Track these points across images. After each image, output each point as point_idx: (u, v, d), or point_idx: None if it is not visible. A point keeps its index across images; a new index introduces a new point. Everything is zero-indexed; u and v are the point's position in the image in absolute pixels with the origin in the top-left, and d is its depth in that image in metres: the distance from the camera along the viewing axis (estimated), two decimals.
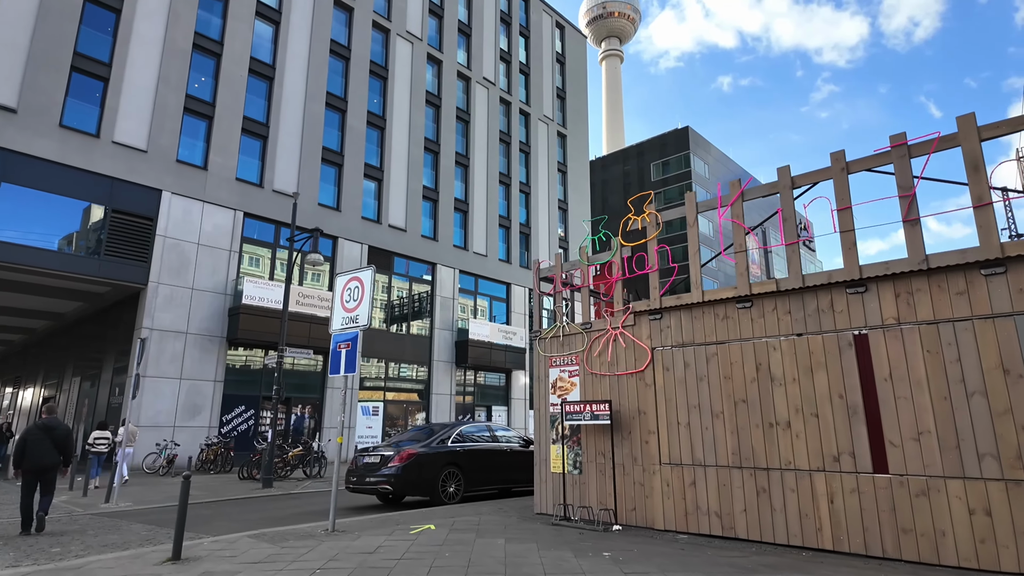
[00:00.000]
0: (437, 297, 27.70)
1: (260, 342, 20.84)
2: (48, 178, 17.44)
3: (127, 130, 19.20)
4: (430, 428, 10.45)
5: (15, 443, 8.84)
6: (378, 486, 9.21)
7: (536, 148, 35.15)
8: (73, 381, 24.05)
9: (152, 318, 18.84)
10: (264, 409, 21.40)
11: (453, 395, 27.43)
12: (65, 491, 13.21)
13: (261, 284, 20.75)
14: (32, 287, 19.68)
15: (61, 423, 8.61)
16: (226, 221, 21.06)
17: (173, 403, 18.89)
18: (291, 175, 23.26)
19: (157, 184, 19.54)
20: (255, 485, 14.32)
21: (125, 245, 18.70)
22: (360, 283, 7.43)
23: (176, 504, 11.15)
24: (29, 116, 17.23)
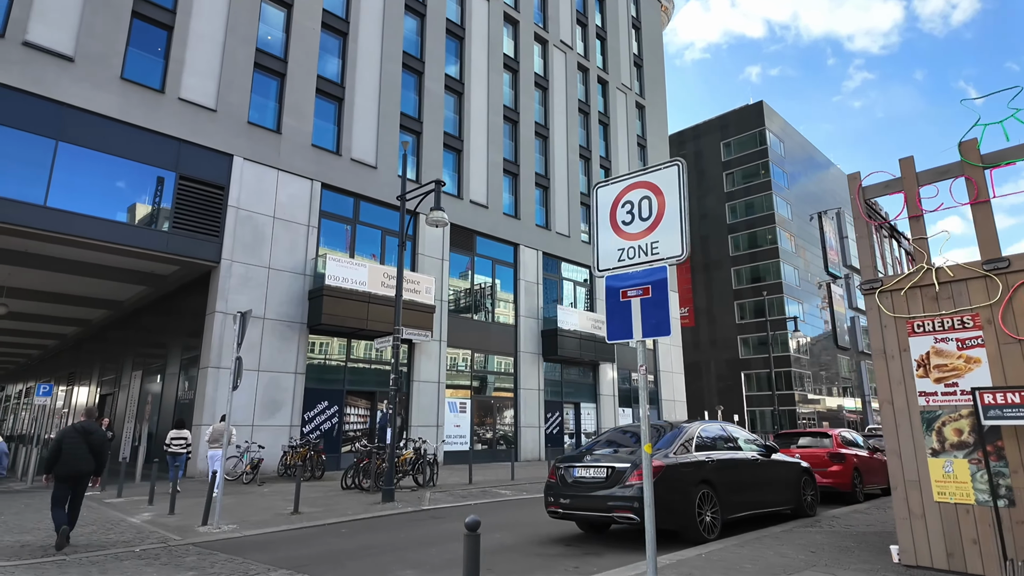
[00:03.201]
0: (521, 282, 24.87)
1: (344, 328, 18.26)
2: (109, 138, 15.07)
3: (194, 86, 16.76)
4: (658, 428, 7.52)
5: (49, 446, 8.02)
6: (613, 512, 6.30)
7: (615, 119, 32.06)
8: (133, 376, 21.88)
9: (226, 301, 16.37)
10: (349, 405, 18.81)
11: (541, 390, 24.55)
12: (144, 504, 10.69)
13: (345, 263, 18.16)
14: (90, 268, 17.42)
15: (99, 428, 7.94)
16: (302, 192, 18.52)
17: (251, 398, 16.41)
18: (369, 142, 20.65)
19: (227, 148, 17.07)
20: (370, 498, 11.61)
21: (195, 217, 16.27)
22: (654, 192, 4.52)
23: (298, 529, 8.51)
24: (87, 66, 14.88)
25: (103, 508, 10.34)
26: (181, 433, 12.95)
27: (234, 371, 9.23)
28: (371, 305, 18.43)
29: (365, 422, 19.26)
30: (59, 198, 14.15)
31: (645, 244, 4.53)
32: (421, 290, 20.05)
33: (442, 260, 21.98)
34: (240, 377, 9.23)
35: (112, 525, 8.69)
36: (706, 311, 51.97)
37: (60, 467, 7.23)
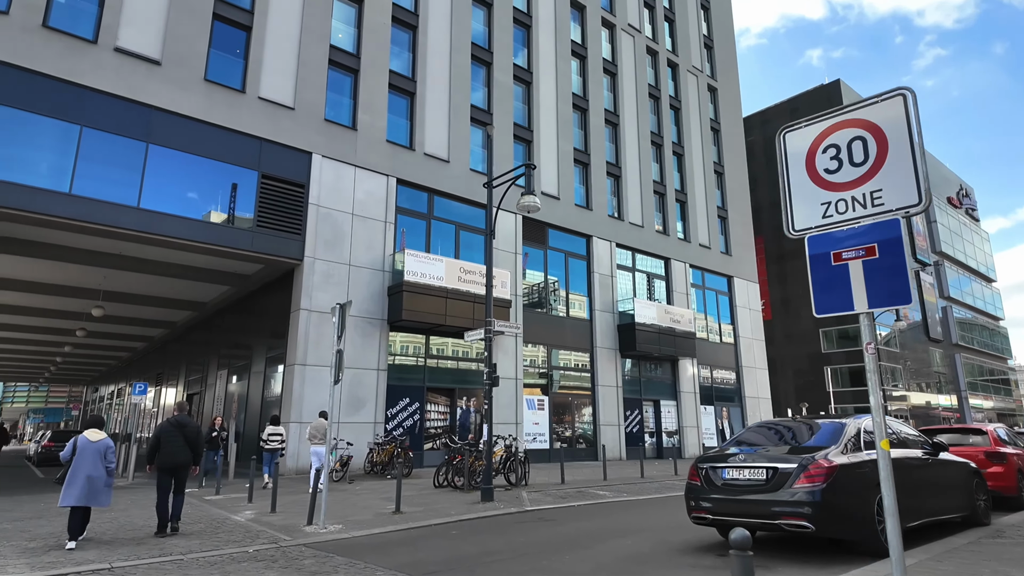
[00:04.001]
0: (595, 274, 24.00)
1: (423, 324, 17.97)
2: (194, 139, 15.25)
3: (273, 85, 16.83)
4: (808, 424, 6.60)
5: (149, 440, 8.73)
6: (780, 520, 5.47)
7: (686, 103, 30.68)
8: (219, 376, 22.42)
9: (310, 298, 16.33)
10: (429, 402, 18.51)
11: (620, 387, 23.61)
12: (244, 503, 10.56)
13: (422, 258, 17.85)
14: (178, 269, 17.80)
15: (192, 421, 8.41)
16: (379, 188, 18.35)
17: (335, 395, 16.23)
18: (440, 136, 20.32)
19: (306, 146, 17.05)
20: (467, 497, 11.12)
21: (277, 216, 16.30)
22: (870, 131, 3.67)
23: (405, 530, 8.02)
24: (173, 69, 15.10)
25: (205, 506, 10.26)
26: (277, 429, 12.89)
27: (335, 365, 8.90)
28: (449, 300, 18.06)
29: (446, 419, 18.92)
30: (151, 199, 14.39)
31: (862, 194, 3.70)
32: (496, 284, 19.51)
33: (515, 254, 21.42)
34: (341, 371, 8.89)
35: (218, 524, 8.50)
36: (781, 304, 49.40)
37: (160, 458, 7.84)
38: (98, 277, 18.86)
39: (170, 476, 7.80)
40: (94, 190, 13.62)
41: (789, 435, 6.66)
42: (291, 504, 10.28)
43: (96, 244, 15.63)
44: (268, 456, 12.60)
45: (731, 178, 32.50)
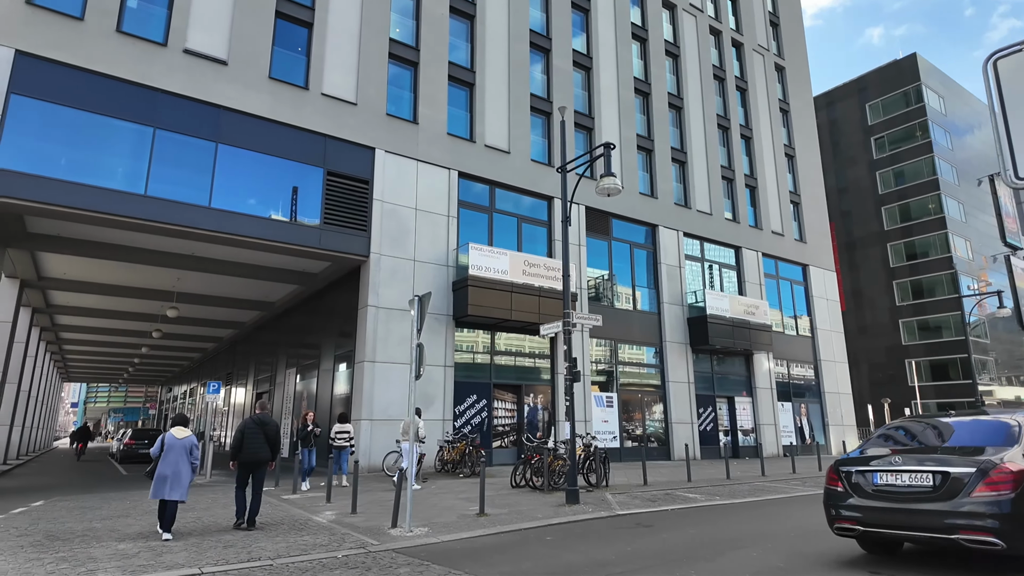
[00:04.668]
0: (662, 265, 22.99)
1: (488, 320, 17.53)
2: (261, 138, 15.26)
3: (335, 82, 16.71)
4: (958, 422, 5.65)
5: (233, 437, 8.95)
6: (957, 534, 4.62)
7: (753, 84, 29.13)
8: (287, 374, 22.69)
9: (377, 295, 16.13)
10: (497, 399, 18.05)
11: (691, 383, 22.53)
12: (321, 502, 10.31)
13: (486, 252, 17.38)
14: (248, 268, 17.96)
15: (272, 419, 8.58)
16: (440, 182, 18.01)
17: (404, 392, 16.04)
18: (501, 127, 19.82)
19: (369, 141, 16.87)
20: (548, 499, 10.54)
21: (343, 212, 16.17)
22: None
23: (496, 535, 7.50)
24: (239, 68, 15.15)
25: (284, 505, 10.06)
26: (344, 427, 12.69)
27: (415, 359, 8.47)
28: (514, 295, 17.53)
29: (513, 416, 18.42)
30: (221, 199, 14.46)
31: None
32: (561, 277, 18.85)
33: (579, 246, 20.69)
34: (422, 366, 8.44)
35: (301, 525, 8.21)
36: (852, 295, 46.68)
37: (243, 454, 8.14)
38: (171, 279, 19.30)
39: (249, 472, 8.20)
40: (167, 191, 13.77)
41: (937, 434, 5.73)
42: (370, 504, 9.95)
43: (170, 245, 15.90)
44: (338, 453, 12.41)
45: (803, 161, 30.70)
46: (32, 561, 6.06)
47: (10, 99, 12.19)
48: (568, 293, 11.16)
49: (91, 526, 8.09)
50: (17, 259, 16.60)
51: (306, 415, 12.93)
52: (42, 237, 15.02)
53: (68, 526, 8.09)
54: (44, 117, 12.63)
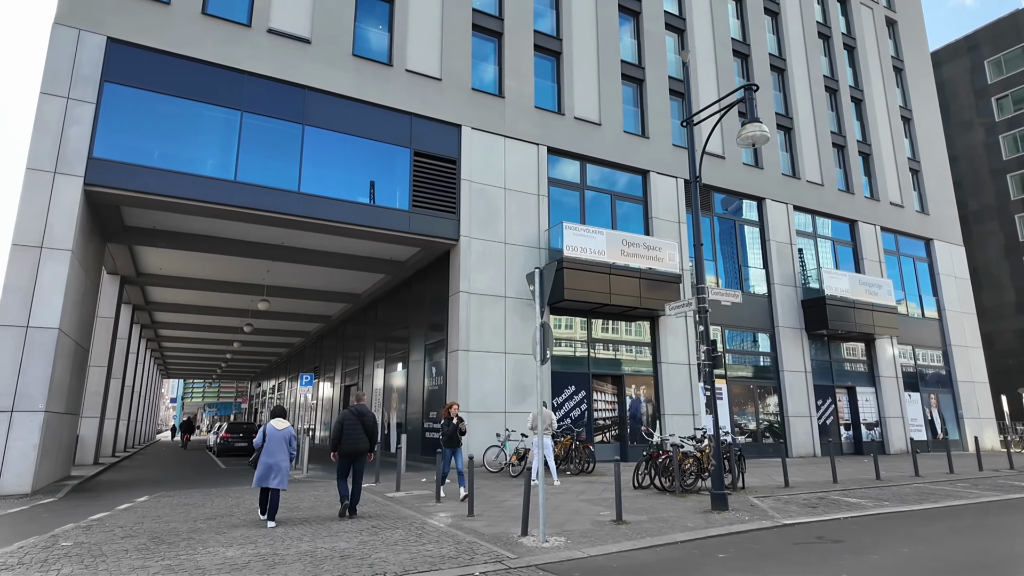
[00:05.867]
0: (771, 243, 20.86)
1: (585, 304, 16.23)
2: (346, 118, 14.60)
3: (419, 57, 15.86)
4: None
5: (332, 428, 8.81)
6: None
7: (862, 41, 26.20)
8: (375, 367, 22.27)
9: (469, 280, 15.18)
10: (596, 390, 16.74)
11: (808, 372, 20.32)
12: (431, 502, 9.37)
13: (581, 231, 16.07)
14: (335, 258, 17.46)
15: (369, 410, 8.61)
16: (529, 159, 16.83)
17: (500, 383, 15.02)
18: (590, 98, 18.40)
19: (455, 118, 15.91)
20: (687, 503, 9.14)
21: (432, 194, 15.30)
22: None
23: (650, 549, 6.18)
24: (322, 46, 14.53)
25: (392, 505, 9.18)
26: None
27: (539, 340, 7.29)
28: (612, 277, 16.13)
29: (613, 409, 17.03)
30: (310, 183, 13.88)
31: None
32: (664, 257, 17.28)
33: (678, 223, 18.98)
34: (549, 348, 7.25)
35: (417, 530, 7.23)
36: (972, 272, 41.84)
37: (343, 445, 8.21)
38: (262, 271, 19.17)
39: (349, 463, 8.28)
40: (257, 176, 13.30)
41: None
42: (483, 505, 8.91)
43: (260, 235, 15.56)
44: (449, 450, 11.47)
45: (921, 123, 27.41)
46: (136, 571, 5.33)
47: (104, 87, 11.98)
48: (701, 263, 9.64)
49: (196, 526, 7.45)
50: (117, 255, 16.79)
51: (449, 407, 10.05)
52: (138, 230, 15.00)
53: (173, 526, 7.48)
54: (135, 104, 12.38)
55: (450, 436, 9.91)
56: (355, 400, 8.72)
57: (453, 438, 9.93)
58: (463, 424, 9.84)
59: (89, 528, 7.33)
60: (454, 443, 9.97)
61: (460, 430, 9.87)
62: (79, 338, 12.95)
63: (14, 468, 10.24)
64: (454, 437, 9.93)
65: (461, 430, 9.84)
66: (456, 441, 9.97)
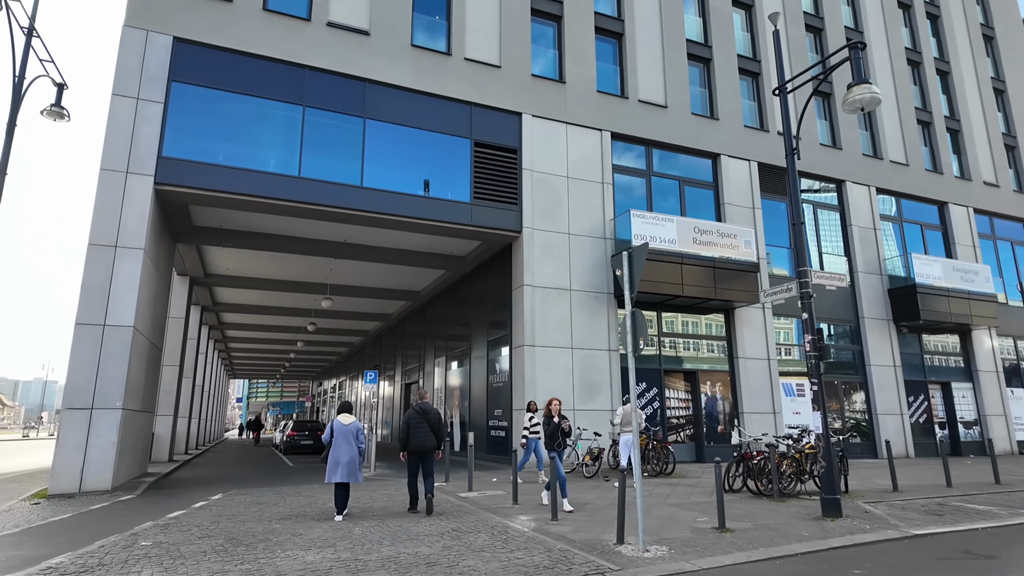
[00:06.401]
0: (853, 227, 19.41)
1: (655, 296, 15.41)
2: (405, 110, 14.30)
3: (477, 45, 15.44)
4: None
5: (400, 427, 8.79)
6: None
7: (947, 8, 24.19)
8: (436, 364, 22.06)
9: (532, 273, 14.63)
10: (668, 387, 15.89)
11: (898, 366, 18.77)
12: (507, 502, 8.86)
13: (650, 219, 15.26)
14: (396, 254, 17.25)
15: (434, 408, 8.58)
16: (592, 145, 16.14)
17: (567, 379, 14.41)
18: (655, 79, 17.54)
19: (515, 106, 15.40)
20: (788, 509, 8.30)
21: (493, 185, 14.85)
22: None
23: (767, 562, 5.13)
24: (381, 38, 14.29)
25: (467, 506, 8.72)
26: (537, 416, 11.25)
27: (630, 329, 6.64)
28: (684, 266, 15.23)
29: (687, 407, 16.13)
30: (372, 177, 13.65)
31: None
32: (739, 245, 16.23)
33: (752, 209, 17.87)
34: (643, 338, 6.59)
35: (501, 534, 6.72)
36: None
37: (411, 443, 8.23)
38: (324, 269, 19.21)
39: (418, 461, 8.29)
40: (320, 171, 13.16)
41: None
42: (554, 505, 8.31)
43: (323, 232, 15.49)
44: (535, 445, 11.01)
45: (1016, 95, 25.10)
46: (215, 575, 5.01)
47: (171, 86, 12.06)
48: (803, 243, 8.75)
49: (271, 527, 7.17)
50: (186, 255, 17.10)
51: (549, 404, 8.81)
52: (206, 230, 15.16)
53: (248, 526, 7.24)
54: (201, 103, 12.42)
55: (551, 436, 8.63)
56: (418, 398, 8.72)
57: (555, 438, 8.60)
58: (566, 422, 8.69)
59: (167, 527, 7.17)
60: (557, 444, 8.56)
61: (563, 429, 8.60)
62: (153, 337, 13.13)
63: (95, 465, 10.36)
64: (555, 437, 8.61)
65: (564, 429, 8.61)
66: (559, 442, 8.58)
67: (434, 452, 8.33)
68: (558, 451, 8.44)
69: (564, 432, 8.59)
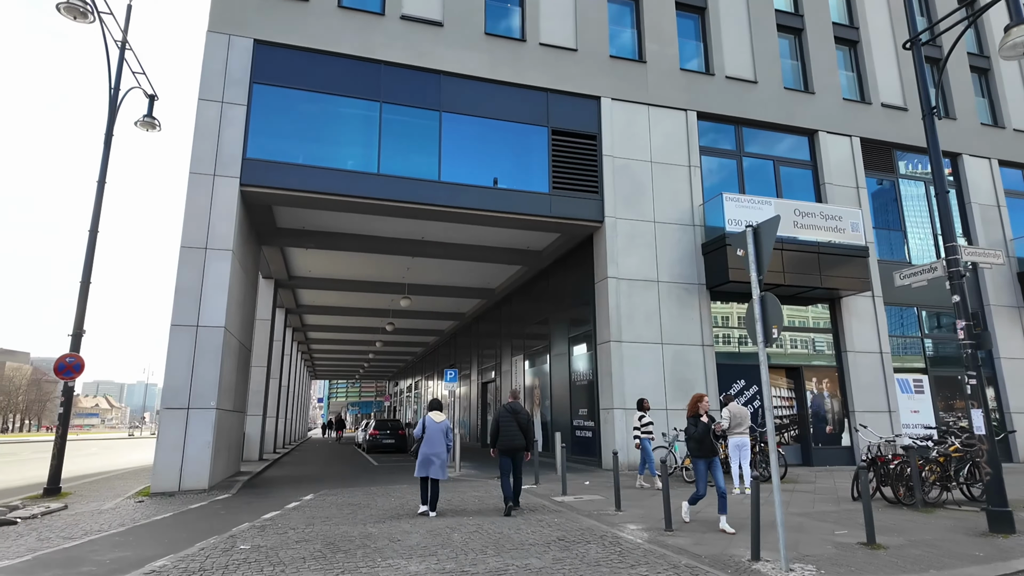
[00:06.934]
0: (971, 205, 17.40)
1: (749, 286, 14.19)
2: (480, 101, 13.88)
3: (552, 29, 14.84)
4: None
5: (490, 426, 9.04)
6: None
7: None
8: (513, 362, 21.62)
9: (617, 264, 13.87)
10: (777, 386, 14.68)
11: None
12: (608, 508, 8.18)
13: (744, 203, 14.13)
14: (473, 251, 16.90)
15: (523, 408, 8.61)
16: (676, 127, 15.18)
17: (658, 377, 13.54)
18: (742, 53, 16.34)
19: (593, 90, 14.68)
20: (940, 521, 7.18)
21: (572, 174, 14.20)
22: None
23: None
24: (454, 28, 13.95)
25: (566, 511, 8.12)
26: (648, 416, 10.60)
27: (758, 316, 5.82)
28: (785, 253, 13.99)
29: (791, 406, 14.86)
30: (449, 171, 13.32)
31: None
32: (845, 227, 14.80)
33: (856, 188, 16.30)
34: (776, 326, 5.76)
35: (613, 546, 6.07)
36: None
37: (501, 442, 8.31)
38: (402, 268, 19.17)
39: (508, 459, 8.29)
40: (398, 167, 12.95)
41: None
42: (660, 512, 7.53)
43: (401, 230, 15.35)
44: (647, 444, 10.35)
45: None
46: None
47: (253, 88, 12.16)
48: (949, 214, 7.57)
49: (367, 531, 6.85)
50: (271, 258, 17.45)
51: (698, 401, 6.94)
52: (289, 232, 15.34)
53: (343, 529, 6.95)
54: (281, 103, 12.47)
55: (701, 441, 6.71)
56: (509, 398, 8.80)
57: (705, 443, 6.70)
58: (718, 424, 7.09)
59: (263, 529, 6.99)
60: (708, 451, 6.73)
61: (715, 433, 6.92)
62: (242, 338, 13.34)
63: (192, 464, 10.51)
64: (706, 442, 6.70)
65: (716, 432, 7.03)
66: (711, 448, 6.74)
67: (523, 452, 8.35)
68: (708, 458, 6.74)
69: (716, 436, 7.09)
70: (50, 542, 6.63)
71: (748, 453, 10.10)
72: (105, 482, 13.00)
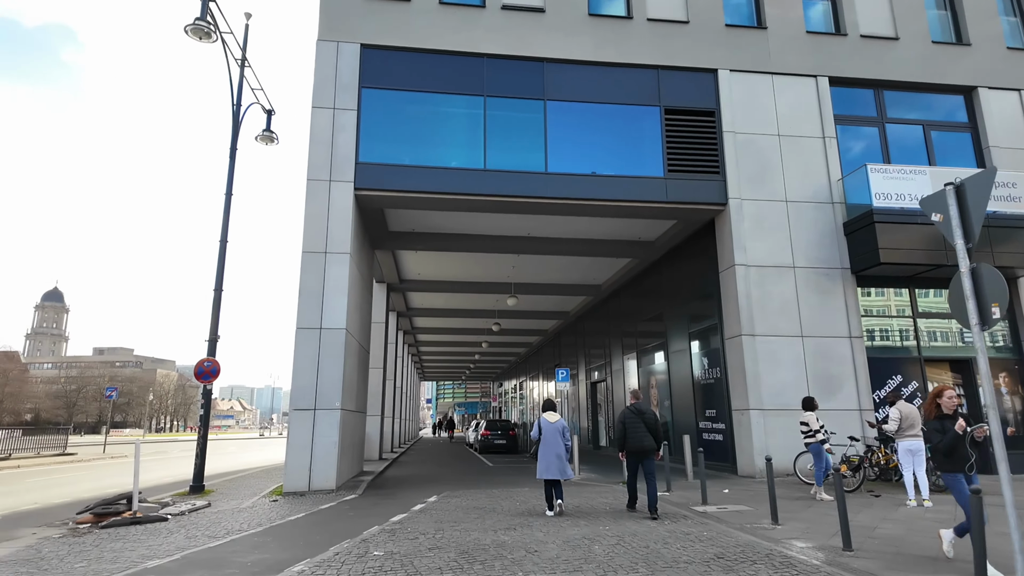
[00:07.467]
0: None
1: (906, 269, 12.49)
2: (586, 85, 13.22)
3: (660, 2, 13.92)
4: None
5: (616, 428, 8.78)
6: None
7: None
8: (625, 361, 20.68)
9: (744, 250, 12.67)
10: (932, 380, 12.80)
11: None
12: (763, 521, 7.22)
13: (893, 174, 12.44)
14: (580, 245, 16.25)
15: (649, 407, 8.43)
16: (805, 95, 13.70)
17: (799, 373, 12.18)
18: (880, 7, 14.51)
19: (709, 63, 13.57)
20: None
21: (688, 155, 13.16)
22: None
23: None
24: (556, 12, 13.42)
25: (714, 524, 7.26)
26: (806, 416, 9.55)
27: (969, 294, 4.72)
28: None
29: (960, 404, 12.81)
30: (556, 162, 12.77)
31: None
32: (1020, 196, 12.61)
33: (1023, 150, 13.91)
34: (1002, 301, 4.64)
35: (785, 568, 5.20)
36: None
37: (628, 444, 8.19)
38: (507, 268, 18.91)
39: (637, 462, 8.21)
40: (504, 161, 12.59)
41: None
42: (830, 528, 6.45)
43: (507, 226, 15.00)
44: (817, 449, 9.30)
45: None
46: None
47: (361, 93, 12.30)
48: None
49: (499, 539, 6.42)
50: (383, 262, 17.81)
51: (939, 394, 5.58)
52: (399, 235, 15.49)
53: (474, 536, 6.58)
54: (389, 105, 12.53)
55: (952, 448, 5.19)
56: (631, 398, 8.59)
57: (956, 451, 5.21)
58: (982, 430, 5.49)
59: (393, 533, 6.77)
60: (960, 461, 5.20)
61: (974, 437, 5.43)
62: (361, 339, 13.56)
63: (320, 465, 10.70)
64: (958, 450, 5.20)
65: (976, 437, 5.43)
66: (964, 457, 5.20)
67: (654, 453, 8.08)
68: (956, 470, 5.19)
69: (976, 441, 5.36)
70: (196, 540, 6.80)
71: (923, 459, 8.70)
72: (242, 480, 13.69)
